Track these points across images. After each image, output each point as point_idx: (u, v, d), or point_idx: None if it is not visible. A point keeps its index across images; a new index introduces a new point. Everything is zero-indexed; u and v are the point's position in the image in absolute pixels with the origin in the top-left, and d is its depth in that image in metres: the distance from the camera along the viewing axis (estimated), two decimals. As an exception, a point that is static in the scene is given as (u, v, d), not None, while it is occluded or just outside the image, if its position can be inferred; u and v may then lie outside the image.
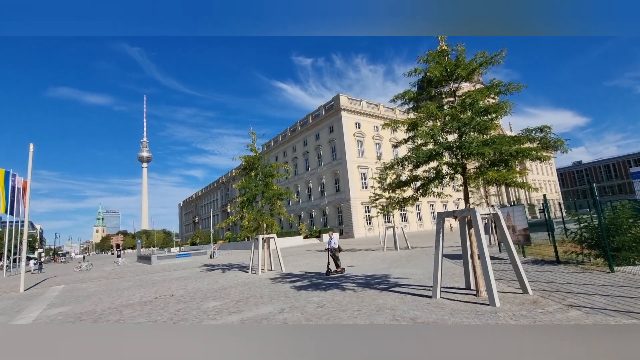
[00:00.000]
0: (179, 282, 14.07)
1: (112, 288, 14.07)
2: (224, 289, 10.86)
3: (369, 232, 50.62)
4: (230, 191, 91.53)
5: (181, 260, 30.92)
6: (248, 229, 15.16)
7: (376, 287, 8.70)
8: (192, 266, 22.78)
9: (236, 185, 15.43)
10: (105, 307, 9.55)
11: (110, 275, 21.61)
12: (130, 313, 8.23)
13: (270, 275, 13.56)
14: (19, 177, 28.07)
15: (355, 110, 54.01)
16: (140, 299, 10.43)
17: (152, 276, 17.96)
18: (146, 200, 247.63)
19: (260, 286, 10.71)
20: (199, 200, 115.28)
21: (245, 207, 15.16)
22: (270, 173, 15.86)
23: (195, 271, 18.55)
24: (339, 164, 52.83)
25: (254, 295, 9.05)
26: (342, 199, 51.93)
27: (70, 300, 11.47)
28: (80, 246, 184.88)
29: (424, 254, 16.96)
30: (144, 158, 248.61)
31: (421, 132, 6.01)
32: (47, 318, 8.67)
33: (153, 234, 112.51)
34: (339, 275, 11.62)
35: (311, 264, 17.33)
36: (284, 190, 15.67)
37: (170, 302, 9.16)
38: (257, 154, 16.24)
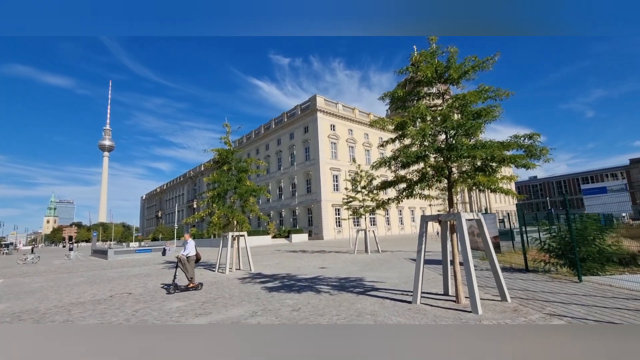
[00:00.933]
0: (138, 279, 13.03)
1: (61, 284, 12.74)
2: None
3: (338, 235, 50.73)
4: (197, 186, 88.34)
5: (141, 256, 29.12)
6: (217, 225, 14.39)
7: (352, 290, 8.42)
8: (153, 262, 21.42)
9: (207, 179, 14.62)
10: (51, 305, 8.52)
11: (60, 269, 19.78)
12: (80, 313, 7.34)
13: (238, 275, 12.92)
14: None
15: (331, 112, 54.05)
16: (93, 296, 9.44)
17: (108, 272, 16.59)
18: (105, 191, 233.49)
19: (229, 286, 10.08)
20: (164, 194, 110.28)
21: (215, 202, 14.39)
22: (244, 168, 15.21)
23: (157, 268, 17.39)
24: (312, 164, 52.56)
25: (222, 295, 8.45)
26: (313, 200, 51.67)
27: (9, 297, 10.18)
28: (27, 237, 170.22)
29: (395, 258, 17.02)
30: (105, 146, 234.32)
31: (412, 132, 5.80)
32: (-22, 317, 7.54)
33: (111, 227, 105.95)
34: (310, 277, 11.24)
35: (281, 264, 16.83)
36: (257, 187, 15.06)
37: (127, 301, 8.33)
38: (231, 148, 15.53)
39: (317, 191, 50.84)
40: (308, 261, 17.48)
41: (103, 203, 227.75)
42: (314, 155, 52.18)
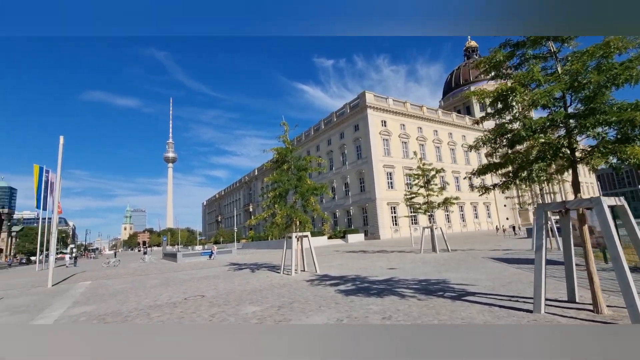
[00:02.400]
0: (207, 281, 13.15)
1: (139, 286, 13.34)
2: (259, 291, 9.76)
3: (396, 234, 48.73)
4: (252, 191, 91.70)
5: (206, 258, 30.43)
6: (280, 226, 14.06)
7: (441, 294, 7.30)
8: (217, 264, 22.03)
9: (268, 179, 14.38)
10: (132, 307, 8.66)
11: (137, 272, 21.18)
12: (158, 316, 7.24)
13: (305, 277, 12.39)
14: (52, 174, 28.44)
15: (381, 108, 52.29)
16: (169, 299, 9.50)
17: (178, 274, 17.24)
18: (171, 199, 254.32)
19: (299, 289, 9.53)
20: (222, 200, 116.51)
21: (277, 202, 14.08)
22: (303, 166, 14.72)
23: (223, 270, 17.68)
24: (364, 162, 51.25)
25: (297, 299, 7.86)
26: (367, 199, 50.31)
27: (96, 299, 10.74)
28: (109, 243, 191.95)
29: (471, 257, 15.29)
30: (169, 158, 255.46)
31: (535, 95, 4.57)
32: (69, 318, 7.85)
33: (178, 232, 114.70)
34: (383, 279, 10.25)
35: (345, 265, 16.06)
36: (319, 185, 14.48)
37: (202, 305, 8.13)
38: (290, 146, 15.15)
39: (371, 190, 49.40)
40: (372, 262, 16.49)
41: (169, 210, 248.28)
42: (366, 153, 50.84)
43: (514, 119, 5.52)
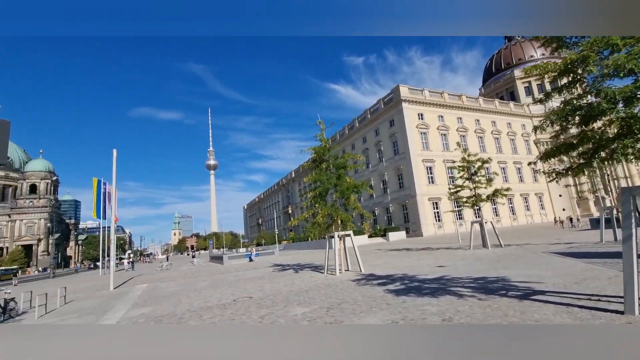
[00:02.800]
0: (253, 282, 13.34)
1: (190, 288, 13.86)
2: (305, 291, 9.64)
3: (439, 230, 46.78)
4: (290, 193, 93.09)
5: (255, 259, 31.20)
6: (322, 225, 13.91)
7: (504, 293, 6.66)
8: (261, 266, 22.44)
9: (307, 179, 14.30)
10: (185, 309, 8.94)
11: (187, 274, 22.18)
12: (210, 318, 7.36)
13: (350, 276, 12.10)
14: (109, 185, 30.81)
15: (417, 101, 50.53)
16: (219, 301, 9.70)
17: (226, 276, 17.75)
18: (214, 204, 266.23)
19: (346, 289, 9.27)
20: (262, 203, 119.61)
21: (317, 202, 13.95)
22: (342, 164, 14.46)
23: (267, 271, 17.92)
24: (402, 158, 49.79)
25: (345, 300, 7.61)
26: (407, 195, 48.81)
27: (152, 301, 11.28)
28: (161, 248, 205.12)
29: (529, 252, 14.06)
30: (210, 166, 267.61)
31: (619, 59, 3.92)
32: (129, 320, 8.25)
33: (222, 236, 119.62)
34: (433, 278, 9.67)
35: (389, 263, 15.54)
36: (359, 182, 14.14)
37: (250, 306, 8.16)
38: (327, 145, 14.97)
39: (411, 186, 47.87)
40: (418, 260, 15.78)
41: (213, 215, 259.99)
42: (403, 148, 49.38)
43: (585, 93, 4.82)
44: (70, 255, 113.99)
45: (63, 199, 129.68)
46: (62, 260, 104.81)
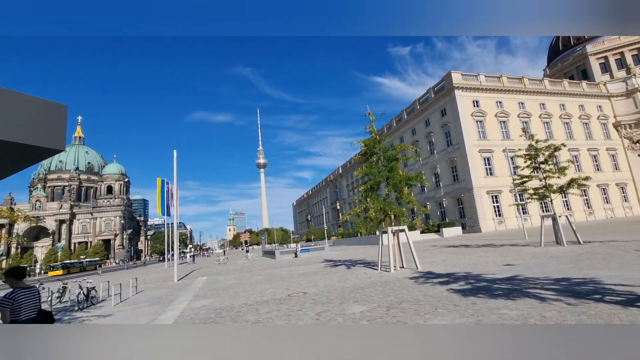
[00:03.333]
0: (307, 278, 13.31)
1: (246, 282, 14.27)
2: (360, 288, 9.29)
3: (500, 225, 43.33)
4: (338, 189, 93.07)
5: (302, 255, 31.63)
6: (375, 220, 13.42)
7: (598, 298, 5.68)
8: (312, 261, 22.53)
9: (357, 172, 13.89)
10: (242, 302, 9.11)
11: (243, 268, 23.05)
12: (266, 313, 7.35)
13: (406, 274, 11.47)
14: (171, 184, 33.27)
15: (471, 87, 47.13)
16: (274, 295, 9.75)
17: (279, 270, 18.06)
18: (265, 201, 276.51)
19: (404, 287, 8.73)
20: (310, 199, 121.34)
21: (369, 196, 13.47)
22: (393, 156, 13.79)
23: (319, 266, 17.88)
24: (456, 149, 46.87)
25: (405, 299, 7.12)
26: (463, 188, 45.90)
27: (212, 293, 11.76)
28: (218, 243, 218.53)
29: (619, 250, 12.17)
30: (260, 164, 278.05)
31: None
32: (192, 311, 8.60)
33: (273, 232, 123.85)
34: (503, 277, 8.70)
35: (448, 261, 14.54)
36: (413, 174, 13.38)
37: (306, 302, 8.03)
38: (377, 137, 14.39)
39: (467, 178, 44.91)
40: (481, 257, 14.55)
41: (264, 211, 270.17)
42: (457, 138, 46.44)
43: None
44: (141, 249, 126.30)
45: (134, 198, 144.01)
46: (135, 253, 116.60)
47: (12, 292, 3.62)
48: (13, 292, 3.61)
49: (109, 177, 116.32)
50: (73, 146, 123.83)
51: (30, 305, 3.71)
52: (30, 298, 3.72)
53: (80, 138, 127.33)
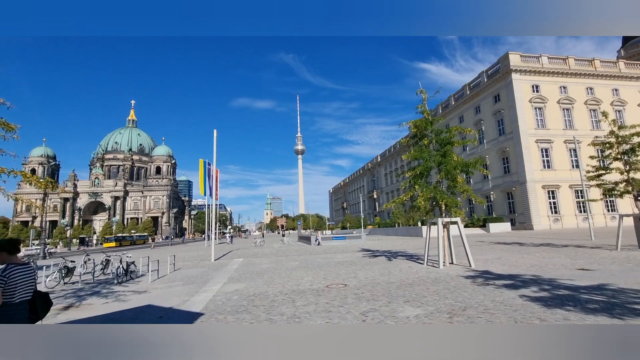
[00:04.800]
0: (345, 267, 12.44)
1: (281, 267, 13.74)
2: (408, 285, 8.20)
3: (555, 224, 39.37)
4: (376, 178, 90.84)
5: (338, 243, 30.94)
6: (424, 210, 12.12)
7: None
8: (349, 250, 21.65)
9: (405, 156, 12.57)
10: (277, 290, 8.44)
11: (278, 252, 22.79)
12: (303, 306, 6.56)
13: (458, 272, 10.15)
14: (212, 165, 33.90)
15: (531, 70, 42.53)
16: (311, 285, 8.99)
17: (315, 257, 17.40)
18: (302, 187, 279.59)
19: (462, 288, 7.51)
20: (347, 187, 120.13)
21: (417, 183, 12.15)
22: (447, 140, 12.27)
23: (357, 256, 16.94)
24: (509, 139, 42.95)
25: (470, 304, 5.95)
26: (514, 182, 42.16)
27: (246, 276, 11.31)
28: (255, 225, 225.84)
29: None
30: (298, 151, 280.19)
31: None
32: (224, 295, 8.08)
33: (309, 218, 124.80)
34: (588, 285, 7.14)
35: (504, 259, 12.91)
36: (470, 160, 11.82)
37: (347, 297, 7.13)
38: (429, 117, 12.90)
39: (520, 171, 41.11)
40: (544, 258, 12.72)
41: (301, 198, 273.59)
42: (511, 127, 42.47)
43: None
44: (185, 227, 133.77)
45: (179, 179, 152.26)
46: (180, 231, 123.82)
47: (5, 268, 3.05)
48: (6, 269, 3.04)
49: (157, 159, 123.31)
50: (127, 128, 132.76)
51: (26, 285, 3.14)
52: (25, 276, 3.14)
53: (134, 121, 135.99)
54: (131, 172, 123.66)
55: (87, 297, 8.93)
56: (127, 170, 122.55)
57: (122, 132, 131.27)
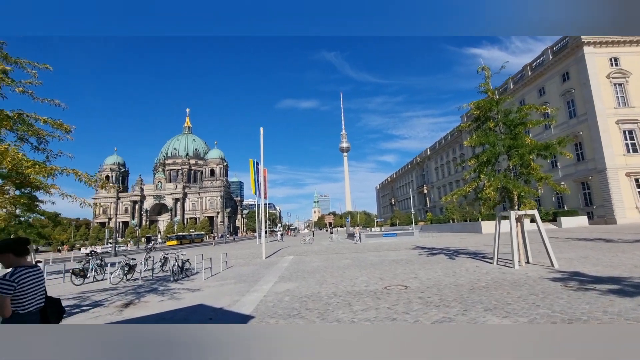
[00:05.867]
0: (401, 266, 11.43)
1: (333, 265, 13.12)
2: (482, 288, 7.05)
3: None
4: (425, 172, 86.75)
5: (388, 240, 29.64)
6: (493, 201, 10.68)
7: None
8: (402, 247, 20.39)
9: (468, 142, 11.17)
10: (330, 291, 7.80)
11: (328, 250, 22.27)
12: (362, 311, 5.81)
13: (540, 273, 8.66)
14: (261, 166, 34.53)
15: (608, 41, 37.04)
16: (367, 285, 8.20)
17: (367, 255, 16.54)
18: (348, 185, 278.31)
19: (553, 293, 6.20)
20: (394, 183, 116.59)
21: (483, 171, 10.72)
22: (519, 120, 10.67)
23: (412, 254, 15.74)
24: (581, 122, 37.91)
25: (574, 316, 4.73)
26: (590, 169, 37.13)
27: (297, 275, 10.86)
28: (304, 223, 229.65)
29: None
30: (343, 148, 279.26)
31: None
32: (275, 296, 7.63)
33: (356, 215, 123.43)
34: None
35: (591, 258, 10.94)
36: (551, 142, 10.12)
37: (411, 301, 6.24)
38: (495, 97, 11.36)
39: (597, 157, 36.08)
40: (649, 257, 10.51)
41: (347, 195, 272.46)
42: (584, 108, 37.43)
43: None
44: (238, 226, 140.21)
45: (231, 180, 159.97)
46: (233, 229, 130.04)
47: (13, 272, 2.63)
48: (15, 273, 2.62)
49: (211, 162, 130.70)
50: (183, 135, 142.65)
51: (37, 290, 2.72)
52: (36, 280, 2.72)
53: (189, 128, 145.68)
54: (188, 175, 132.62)
55: (145, 294, 9.09)
56: (185, 174, 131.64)
57: (180, 138, 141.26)
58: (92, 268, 12.93)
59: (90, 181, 5.76)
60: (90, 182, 5.77)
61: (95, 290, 10.45)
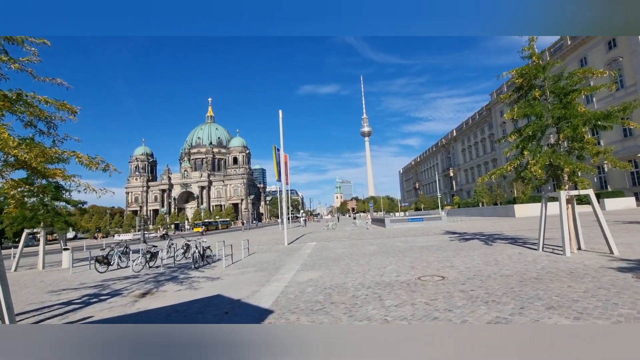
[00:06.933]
0: (433, 253, 10.53)
1: (358, 252, 12.40)
2: (535, 280, 6.08)
3: None
4: (451, 154, 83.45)
5: (415, 225, 28.51)
6: (538, 180, 9.49)
7: None
8: (431, 232, 19.34)
9: (508, 115, 9.89)
10: (357, 281, 7.08)
11: (352, 236, 21.58)
12: (396, 307, 5.05)
13: (598, 261, 7.53)
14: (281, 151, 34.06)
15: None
16: (397, 275, 7.42)
17: (393, 241, 15.69)
18: (370, 170, 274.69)
19: (627, 287, 5.17)
20: (418, 167, 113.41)
21: (526, 147, 9.48)
22: (570, 87, 9.30)
23: (442, 239, 14.73)
24: (630, 94, 34.39)
25: (668, 319, 3.76)
26: (638, 146, 33.90)
27: (320, 263, 10.23)
28: (326, 209, 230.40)
29: None
30: (365, 133, 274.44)
31: None
32: (297, 287, 7.01)
33: (379, 200, 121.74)
34: None
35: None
36: (615, 108, 8.73)
37: (452, 295, 5.41)
38: (540, 62, 9.96)
39: (648, 132, 32.80)
40: None
41: (370, 180, 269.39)
42: (634, 78, 33.94)
43: None
44: (262, 212, 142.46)
45: (254, 168, 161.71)
46: (257, 216, 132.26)
47: None
48: None
49: (234, 150, 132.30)
50: (206, 124, 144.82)
51: None
52: None
53: (212, 117, 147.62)
54: (213, 164, 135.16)
55: (165, 283, 8.78)
56: (209, 162, 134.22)
57: (203, 127, 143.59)
58: (117, 255, 12.92)
59: (91, 164, 5.27)
60: (92, 165, 5.27)
61: (117, 278, 10.32)
